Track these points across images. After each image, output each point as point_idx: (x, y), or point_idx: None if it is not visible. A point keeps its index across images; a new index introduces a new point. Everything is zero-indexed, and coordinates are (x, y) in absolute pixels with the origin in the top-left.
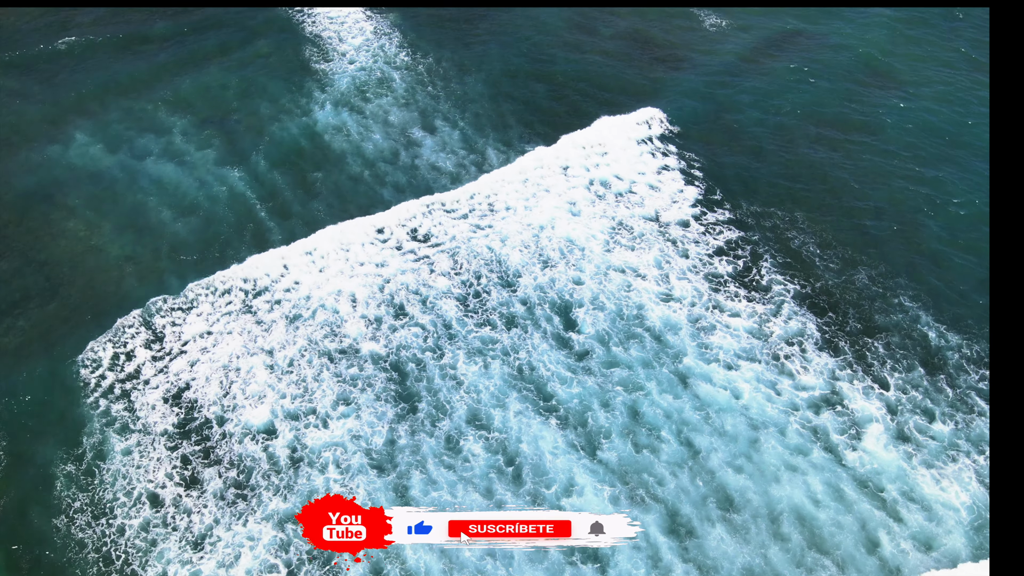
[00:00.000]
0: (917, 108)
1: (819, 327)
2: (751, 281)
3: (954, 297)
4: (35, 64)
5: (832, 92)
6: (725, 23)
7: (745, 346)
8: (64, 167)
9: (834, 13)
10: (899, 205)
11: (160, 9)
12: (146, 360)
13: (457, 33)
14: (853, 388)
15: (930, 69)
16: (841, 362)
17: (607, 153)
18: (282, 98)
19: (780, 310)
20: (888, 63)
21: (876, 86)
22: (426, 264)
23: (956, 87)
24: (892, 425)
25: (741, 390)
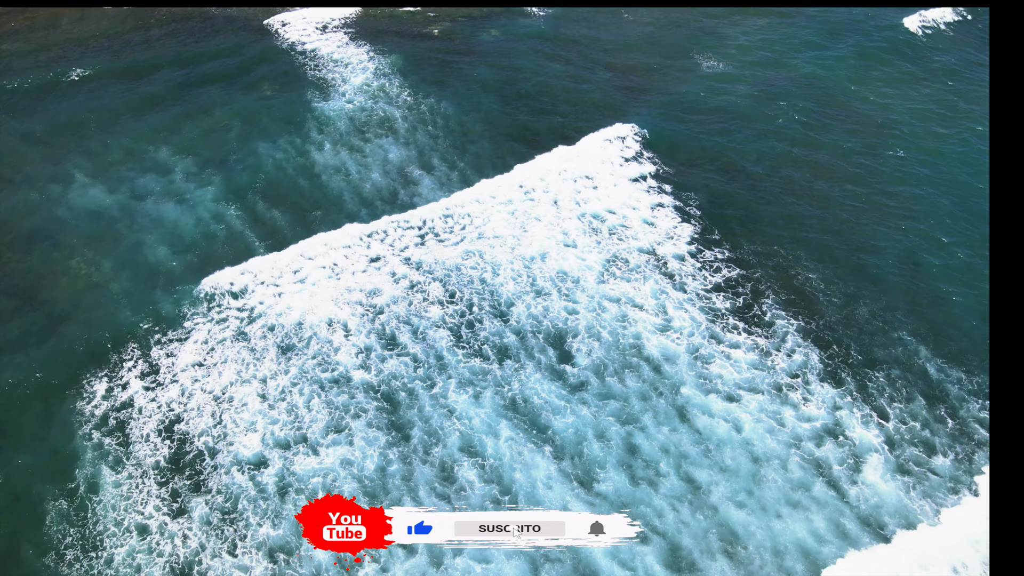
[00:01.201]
0: (914, 148)
1: (822, 359)
2: (752, 316)
3: (954, 332)
4: (38, 103)
5: (830, 131)
6: (721, 65)
7: (747, 377)
8: (65, 206)
9: (830, 50)
10: (899, 243)
11: (166, 50)
12: (140, 391)
13: (459, 74)
14: (854, 419)
15: (926, 107)
16: (843, 392)
17: (598, 187)
18: (282, 139)
19: (783, 343)
20: (884, 103)
21: (873, 126)
22: (419, 292)
23: (953, 126)
24: (892, 457)
25: (742, 421)
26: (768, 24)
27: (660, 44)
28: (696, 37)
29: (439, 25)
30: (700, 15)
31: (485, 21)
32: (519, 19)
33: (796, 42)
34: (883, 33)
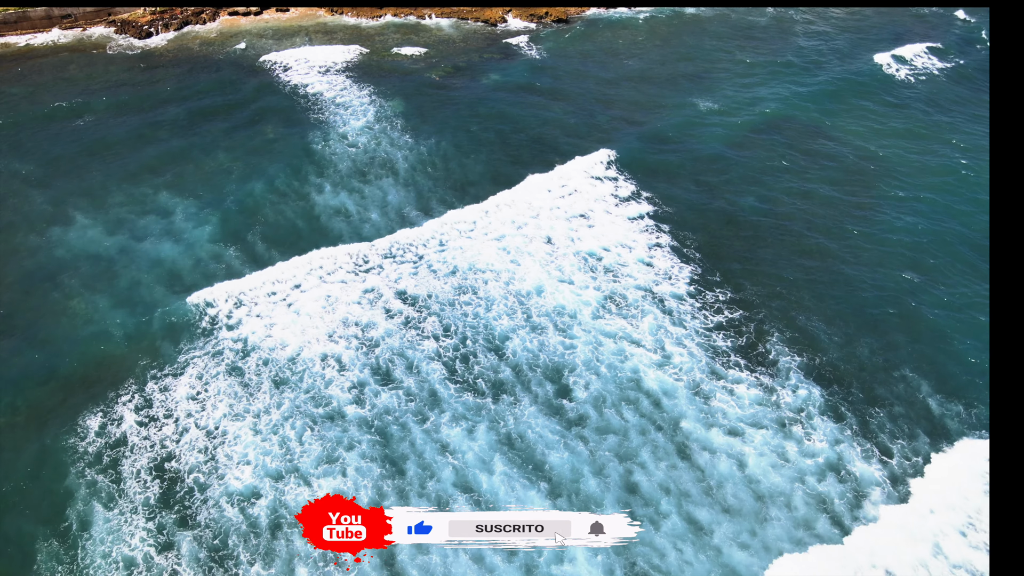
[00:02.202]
0: (911, 188)
1: (823, 396)
2: (756, 354)
3: (954, 368)
4: (42, 145)
5: (826, 173)
6: (718, 106)
7: (750, 413)
8: (64, 247)
9: (834, 95)
10: (898, 283)
11: (171, 94)
12: (134, 427)
13: (459, 117)
14: (856, 454)
15: (920, 149)
16: (843, 427)
17: (593, 226)
18: (281, 181)
19: (787, 379)
20: (881, 151)
21: (869, 174)
22: (412, 328)
23: (947, 167)
24: (895, 491)
25: (746, 455)
26: (761, 68)
27: (655, 85)
28: (689, 77)
29: (440, 71)
30: (693, 53)
31: (485, 66)
32: (519, 64)
33: (787, 85)
34: (868, 77)
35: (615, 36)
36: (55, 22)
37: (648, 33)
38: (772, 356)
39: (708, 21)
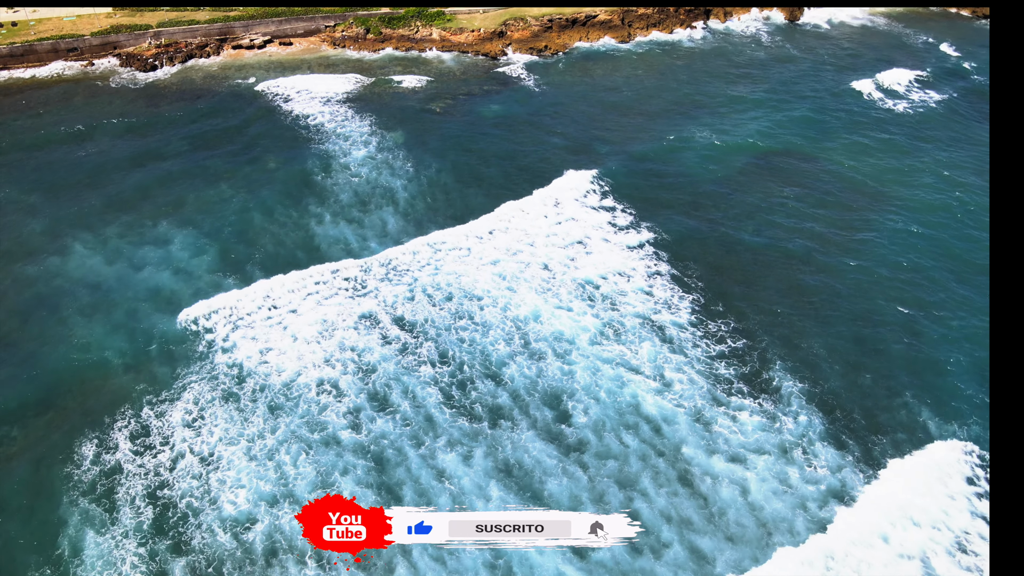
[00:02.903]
0: (910, 220)
1: (825, 423)
2: (759, 381)
3: (955, 397)
4: (42, 177)
5: (824, 204)
6: (715, 136)
7: (752, 439)
8: (63, 277)
9: (829, 128)
10: (896, 316)
11: (174, 126)
12: (129, 456)
13: (459, 148)
14: (859, 480)
15: (915, 188)
16: (845, 453)
17: (591, 253)
18: (281, 211)
19: (789, 406)
20: (876, 183)
21: (865, 206)
22: (410, 353)
23: (947, 198)
24: (900, 516)
25: (748, 481)
26: (758, 100)
27: (652, 115)
28: (686, 108)
29: (441, 102)
30: (689, 85)
31: (485, 97)
32: (519, 96)
33: (783, 118)
34: (863, 110)
35: (614, 68)
36: (61, 55)
37: (645, 66)
38: (775, 383)
39: (705, 55)
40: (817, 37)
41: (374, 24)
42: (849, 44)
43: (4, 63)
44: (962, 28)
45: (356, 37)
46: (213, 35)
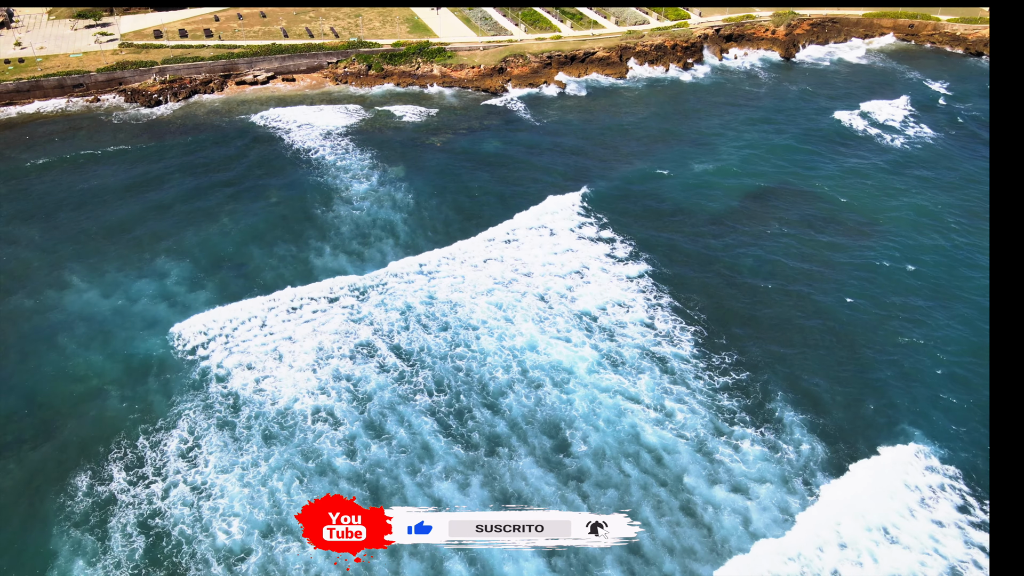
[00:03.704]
0: (905, 262)
1: (828, 452)
2: (761, 413)
3: (956, 434)
4: (44, 212)
5: (822, 238)
6: (714, 169)
7: (755, 469)
8: (61, 311)
9: (827, 161)
10: (897, 346)
11: (178, 159)
12: (123, 486)
13: (460, 182)
14: (863, 511)
15: (916, 216)
16: (849, 485)
17: (590, 283)
18: (281, 246)
19: (791, 435)
20: (874, 216)
21: (863, 238)
22: (406, 381)
23: (946, 235)
24: (906, 542)
25: (750, 511)
26: (757, 134)
27: (652, 149)
28: (686, 142)
29: (442, 137)
30: (690, 119)
31: (486, 132)
32: (519, 131)
33: (782, 151)
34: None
35: (611, 104)
36: (67, 91)
37: (642, 101)
38: (777, 414)
39: (701, 90)
40: (812, 74)
41: (376, 61)
42: (843, 81)
43: (10, 98)
44: (955, 65)
45: (358, 73)
46: (217, 71)
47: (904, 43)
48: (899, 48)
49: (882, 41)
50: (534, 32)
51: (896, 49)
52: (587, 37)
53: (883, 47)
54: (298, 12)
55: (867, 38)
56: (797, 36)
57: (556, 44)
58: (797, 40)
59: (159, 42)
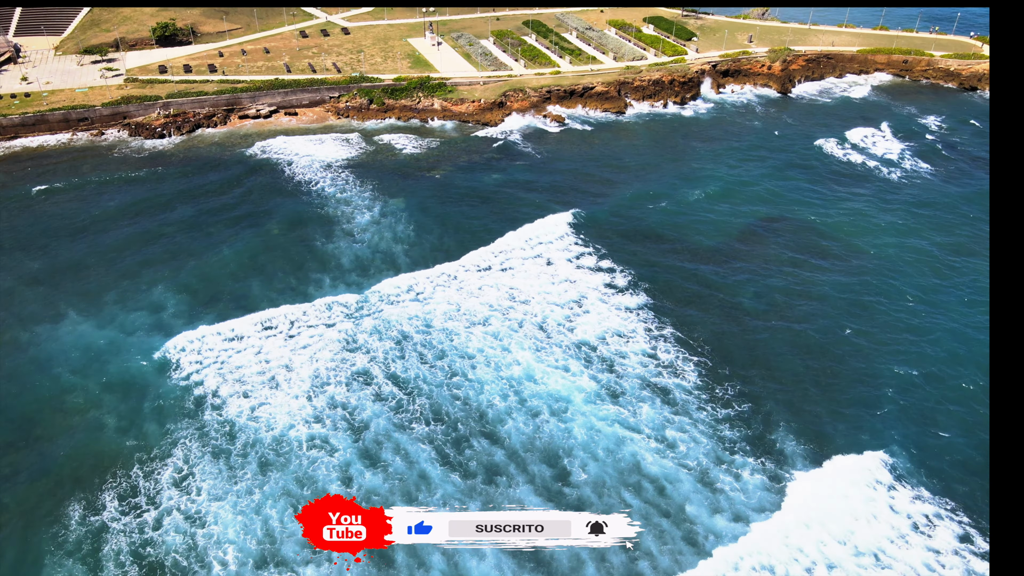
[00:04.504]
0: (904, 294)
1: (829, 484)
2: (763, 444)
3: (956, 473)
4: (46, 244)
5: (822, 270)
6: (712, 202)
7: (754, 499)
8: (55, 342)
9: (824, 194)
10: (897, 378)
11: (180, 192)
12: (118, 516)
13: (461, 215)
14: (861, 542)
15: (912, 252)
16: (850, 518)
17: (588, 312)
18: (280, 278)
19: (794, 467)
20: (872, 249)
21: (861, 271)
22: (403, 412)
23: (947, 269)
24: (898, 568)
25: (754, 543)
26: (754, 168)
27: (650, 182)
28: (684, 175)
29: (442, 169)
30: (687, 153)
31: (486, 165)
32: (518, 163)
33: (779, 183)
34: (859, 177)
35: (609, 137)
36: (72, 124)
37: (644, 134)
38: (779, 445)
39: (699, 124)
40: (808, 108)
41: (377, 95)
42: (839, 115)
43: (16, 132)
44: (950, 99)
45: (360, 107)
46: (221, 105)
47: (899, 78)
48: (894, 83)
49: (877, 77)
50: (533, 67)
51: (891, 84)
52: (585, 72)
53: (878, 83)
54: (301, 48)
55: (862, 74)
56: (793, 72)
57: (555, 79)
58: (793, 75)
59: (164, 77)
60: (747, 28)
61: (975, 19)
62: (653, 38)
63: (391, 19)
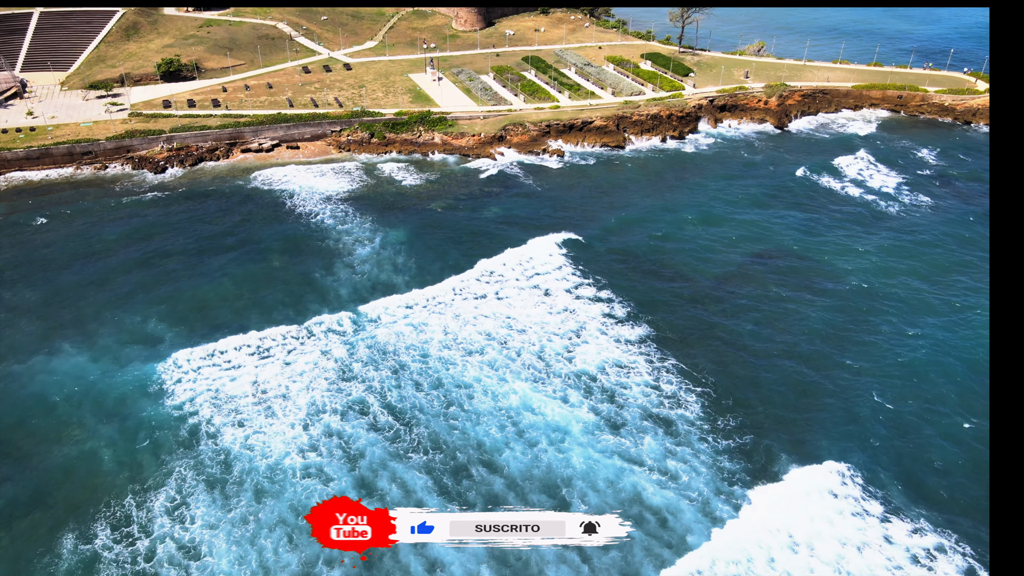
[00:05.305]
0: (904, 328)
1: (840, 515)
2: (766, 475)
3: (956, 507)
4: (47, 277)
5: (820, 308)
6: (711, 235)
7: (758, 528)
8: (52, 374)
9: (818, 228)
10: (901, 411)
11: (182, 225)
12: (110, 545)
13: (461, 247)
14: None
15: (912, 285)
16: (854, 550)
17: (587, 342)
18: (279, 310)
19: (794, 495)
20: (871, 282)
21: (861, 305)
22: (399, 441)
23: (943, 306)
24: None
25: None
26: (753, 200)
27: (649, 214)
28: (683, 207)
29: (442, 203)
30: (686, 186)
31: (485, 198)
32: (517, 196)
33: (774, 216)
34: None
35: (608, 171)
36: (76, 158)
37: (642, 167)
38: (781, 477)
39: (702, 158)
40: (805, 143)
41: (378, 129)
42: (836, 149)
43: (20, 165)
44: (946, 133)
45: (361, 141)
46: (223, 139)
47: (894, 113)
48: (890, 118)
49: (873, 112)
50: (533, 102)
51: (887, 119)
52: (585, 107)
53: (875, 118)
54: (303, 83)
55: (857, 109)
56: (789, 107)
57: (555, 113)
58: (789, 110)
59: (168, 111)
60: (743, 64)
61: (968, 55)
62: (651, 74)
63: (392, 55)
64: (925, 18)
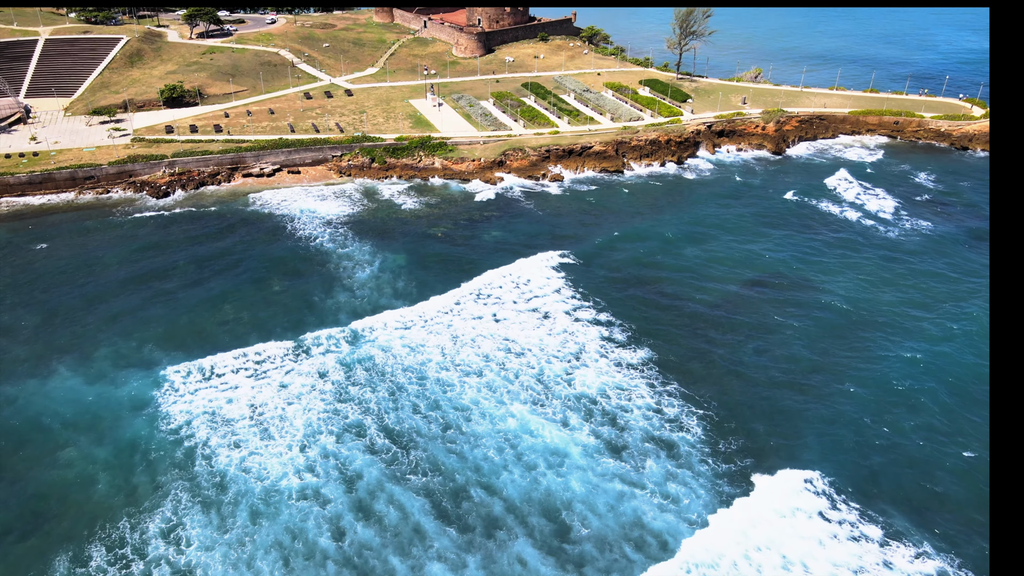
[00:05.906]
0: (905, 350)
1: (835, 539)
2: (767, 497)
3: (955, 528)
4: (46, 300)
5: (821, 332)
6: (710, 260)
7: (762, 551)
8: (49, 398)
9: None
10: (904, 437)
11: (182, 249)
12: (107, 571)
13: (461, 271)
14: None
15: (910, 308)
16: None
17: (586, 365)
18: (279, 333)
19: (793, 517)
20: (870, 306)
21: (861, 329)
22: (397, 464)
23: (943, 329)
24: None
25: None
26: (752, 224)
27: (650, 239)
28: (682, 233)
29: (442, 227)
30: (685, 211)
31: (485, 222)
32: (517, 220)
33: (772, 241)
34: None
35: (610, 195)
36: (78, 183)
37: (641, 192)
38: (779, 501)
39: (700, 183)
40: (803, 168)
41: (379, 154)
42: (834, 175)
43: (23, 190)
44: (942, 158)
45: (362, 166)
46: (225, 164)
47: (891, 139)
48: (887, 143)
49: (870, 137)
50: (532, 127)
51: (884, 144)
52: (584, 132)
53: (872, 143)
54: (305, 109)
55: (854, 134)
56: (786, 132)
57: (554, 139)
58: (787, 136)
59: (170, 137)
60: (740, 90)
61: (963, 81)
62: (649, 99)
63: (393, 81)
64: (919, 45)
